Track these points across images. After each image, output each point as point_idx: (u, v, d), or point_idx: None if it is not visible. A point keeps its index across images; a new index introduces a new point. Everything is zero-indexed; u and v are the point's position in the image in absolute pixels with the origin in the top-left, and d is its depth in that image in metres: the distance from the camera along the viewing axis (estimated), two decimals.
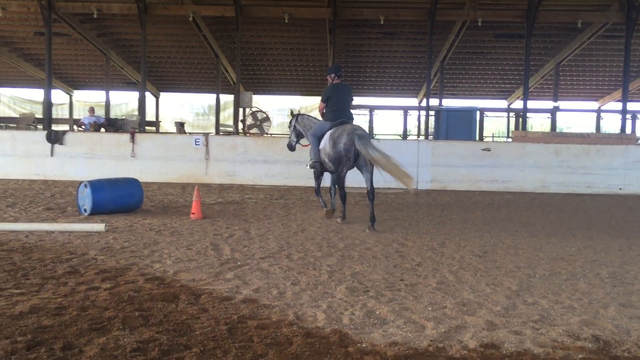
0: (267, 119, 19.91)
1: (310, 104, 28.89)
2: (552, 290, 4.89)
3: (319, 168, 8.81)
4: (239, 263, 5.67)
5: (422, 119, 22.97)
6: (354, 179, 10.17)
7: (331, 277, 5.19)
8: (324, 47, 22.20)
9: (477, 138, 21.04)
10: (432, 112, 20.46)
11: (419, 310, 4.22)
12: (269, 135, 21.22)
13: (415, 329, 3.83)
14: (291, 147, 9.65)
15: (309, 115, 9.60)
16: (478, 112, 21.16)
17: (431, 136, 20.61)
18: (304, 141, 9.55)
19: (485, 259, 6.22)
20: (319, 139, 8.65)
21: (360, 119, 26.19)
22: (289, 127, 9.75)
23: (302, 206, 10.72)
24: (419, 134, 24.21)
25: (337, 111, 8.58)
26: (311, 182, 15.02)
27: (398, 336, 3.66)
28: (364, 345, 3.49)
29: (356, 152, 8.06)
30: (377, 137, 24.44)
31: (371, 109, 23.99)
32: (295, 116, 9.54)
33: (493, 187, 15.00)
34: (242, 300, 4.36)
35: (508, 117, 26.19)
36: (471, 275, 5.40)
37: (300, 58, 24.39)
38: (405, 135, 24.59)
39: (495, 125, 28.34)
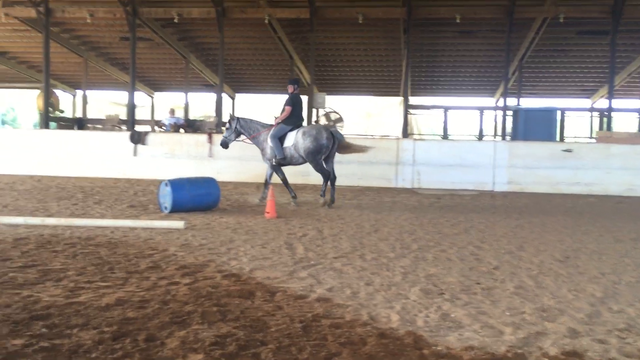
0: (340, 119, 19.99)
1: (384, 105, 28.74)
2: (639, 298, 4.64)
3: (280, 163, 10.55)
4: (312, 262, 5.72)
5: (499, 119, 22.35)
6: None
7: (405, 278, 5.15)
8: (398, 46, 22.03)
9: (558, 139, 20.26)
10: (509, 112, 19.89)
11: (497, 315, 4.11)
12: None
13: (492, 333, 3.73)
14: (226, 145, 10.94)
15: (251, 119, 11.11)
16: (559, 112, 20.35)
17: (508, 137, 20.03)
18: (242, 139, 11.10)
19: (567, 264, 5.98)
20: (280, 139, 10.40)
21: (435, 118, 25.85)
22: (226, 127, 11.11)
23: (375, 207, 10.69)
24: (495, 134, 23.59)
25: (298, 117, 10.57)
26: (384, 183, 14.98)
27: (475, 340, 3.58)
28: (439, 348, 3.44)
29: (333, 144, 10.21)
30: (450, 137, 24.02)
31: (445, 109, 23.60)
32: (237, 119, 10.93)
33: (575, 189, 14.40)
34: (316, 299, 4.40)
35: (591, 117, 25.05)
36: (552, 280, 5.21)
37: (373, 58, 24.32)
38: (481, 136, 24.04)
39: (578, 125, 27.13)
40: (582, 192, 14.28)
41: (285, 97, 10.73)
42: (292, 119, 10.50)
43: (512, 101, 22.03)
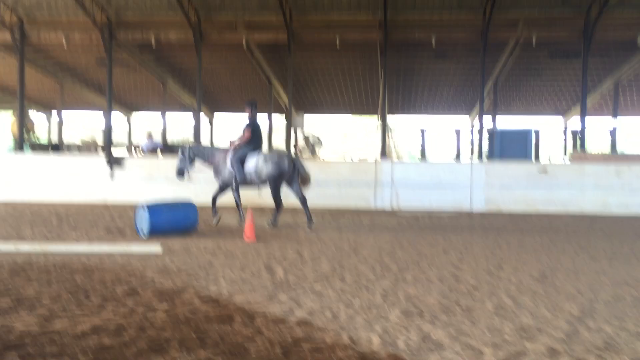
0: (319, 141, 20.06)
1: (362, 125, 28.90)
2: (616, 316, 4.69)
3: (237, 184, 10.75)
4: (292, 285, 5.69)
5: (476, 139, 22.63)
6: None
7: (385, 299, 5.14)
8: (375, 68, 22.29)
9: (533, 158, 20.57)
10: (485, 133, 20.17)
11: (477, 335, 4.12)
12: (322, 159, 21.34)
13: (473, 354, 3.73)
14: (182, 173, 11.05)
15: (204, 145, 11.73)
16: (534, 133, 20.70)
17: (485, 156, 20.27)
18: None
19: (545, 282, 6.03)
20: (241, 161, 10.61)
21: (413, 138, 26.09)
22: (181, 156, 11.08)
23: (354, 228, 10.70)
24: (472, 154, 23.88)
25: (258, 141, 10.81)
26: (363, 204, 15.02)
27: None
28: None
29: (294, 169, 10.50)
30: (427, 159, 24.25)
31: (423, 131, 23.85)
32: (190, 148, 11.17)
33: (551, 209, 14.58)
34: (296, 323, 4.36)
35: (565, 137, 25.51)
36: (530, 299, 5.24)
37: (351, 79, 24.58)
38: (458, 156, 24.32)
39: (553, 144, 27.62)
40: (558, 211, 14.48)
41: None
42: (252, 143, 10.72)
43: (487, 119, 22.34)
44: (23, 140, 19.15)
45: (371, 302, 5.04)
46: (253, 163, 10.56)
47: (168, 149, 19.74)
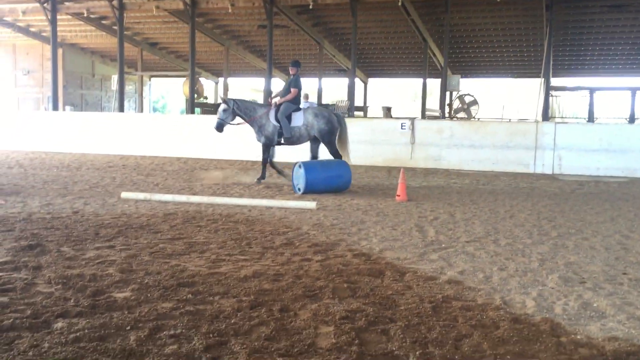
0: (474, 102, 19.37)
1: (522, 87, 27.36)
2: None
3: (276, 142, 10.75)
4: (443, 245, 5.64)
5: None
6: None
7: (542, 265, 4.91)
8: (539, 25, 20.80)
9: None
10: None
11: None
12: (477, 119, 20.59)
13: (639, 325, 3.46)
14: (221, 128, 10.75)
15: (244, 100, 11.29)
16: None
17: None
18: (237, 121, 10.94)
19: None
20: (287, 117, 10.51)
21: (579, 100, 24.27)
22: (222, 110, 10.74)
23: (510, 192, 10.26)
24: None
25: (299, 100, 10.87)
26: (521, 169, 14.30)
27: (619, 331, 3.35)
28: (578, 337, 3.26)
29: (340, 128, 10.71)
30: (596, 120, 22.42)
31: (592, 90, 22.00)
32: (233, 100, 10.82)
33: None
34: (446, 281, 4.34)
35: None
36: None
37: (512, 39, 23.19)
38: (632, 119, 22.15)
39: None
40: None
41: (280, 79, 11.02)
42: (296, 100, 10.71)
43: None
44: (194, 102, 20.71)
45: (527, 267, 4.85)
46: (301, 119, 10.56)
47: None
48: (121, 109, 21.16)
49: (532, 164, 14.36)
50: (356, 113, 22.13)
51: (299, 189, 9.36)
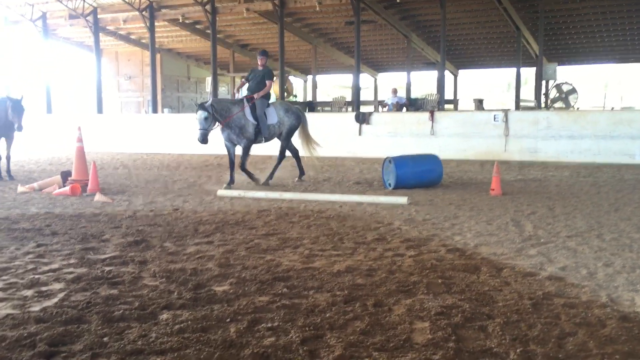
0: (573, 91, 18.45)
1: (625, 71, 25.70)
2: None
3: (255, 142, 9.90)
4: (542, 240, 5.43)
5: None
6: None
7: None
8: None
9: None
10: None
11: None
12: (576, 108, 19.61)
13: None
14: (206, 139, 9.15)
15: (219, 99, 10.41)
16: None
17: None
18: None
19: None
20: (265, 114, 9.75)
21: None
22: (203, 118, 9.08)
23: (614, 185, 9.70)
24: None
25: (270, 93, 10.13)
26: (625, 160, 13.45)
27: None
28: None
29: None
30: None
31: None
32: (211, 104, 9.28)
33: None
34: (547, 277, 4.18)
35: None
36: None
37: (613, 21, 21.85)
38: None
39: None
40: None
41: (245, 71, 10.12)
42: (268, 96, 10.01)
43: None
44: (283, 99, 21.12)
45: (635, 263, 4.57)
46: (274, 116, 9.92)
47: (412, 103, 19.99)
48: None
49: (638, 155, 13.48)
50: (446, 106, 21.66)
51: (390, 185, 9.31)
